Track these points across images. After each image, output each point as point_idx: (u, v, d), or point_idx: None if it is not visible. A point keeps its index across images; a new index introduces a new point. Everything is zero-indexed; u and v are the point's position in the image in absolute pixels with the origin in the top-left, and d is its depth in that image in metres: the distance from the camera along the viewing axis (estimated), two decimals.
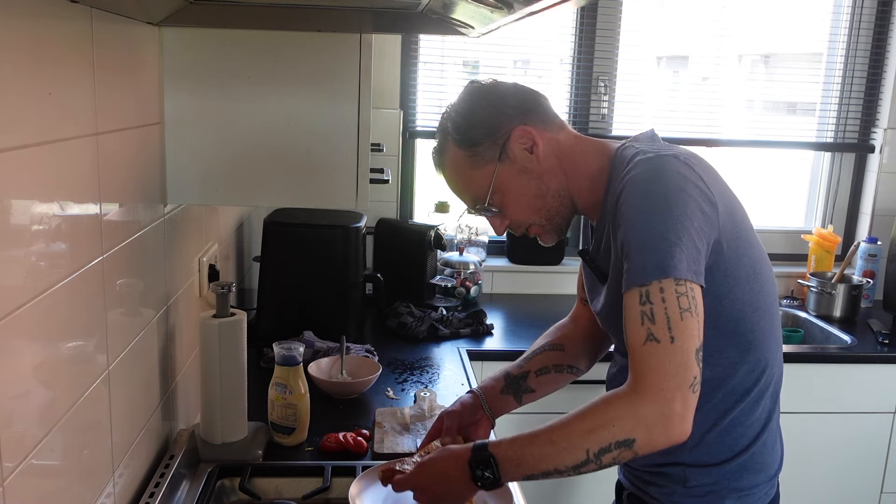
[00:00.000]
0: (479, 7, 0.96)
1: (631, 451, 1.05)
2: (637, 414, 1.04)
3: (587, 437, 1.06)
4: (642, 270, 1.07)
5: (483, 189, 1.25)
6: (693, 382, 1.05)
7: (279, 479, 1.42)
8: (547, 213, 1.26)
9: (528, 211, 1.26)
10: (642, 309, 1.06)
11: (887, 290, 2.65)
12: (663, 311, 1.05)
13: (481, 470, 1.12)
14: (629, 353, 1.08)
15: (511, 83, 1.28)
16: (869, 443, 2.41)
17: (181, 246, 1.53)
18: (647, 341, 1.05)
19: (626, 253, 1.09)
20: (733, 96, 2.95)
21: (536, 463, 1.09)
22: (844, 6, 2.88)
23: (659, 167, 1.12)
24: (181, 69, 1.37)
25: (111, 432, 1.14)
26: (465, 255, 2.71)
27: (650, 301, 1.05)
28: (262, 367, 1.95)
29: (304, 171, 1.44)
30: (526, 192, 1.25)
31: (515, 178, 1.24)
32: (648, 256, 1.06)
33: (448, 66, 2.81)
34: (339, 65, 1.40)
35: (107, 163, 1.09)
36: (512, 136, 1.22)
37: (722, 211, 1.13)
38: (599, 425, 1.06)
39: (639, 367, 1.06)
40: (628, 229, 1.10)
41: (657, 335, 1.04)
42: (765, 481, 1.26)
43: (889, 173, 2.94)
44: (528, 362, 1.50)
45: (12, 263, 0.83)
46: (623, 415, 1.05)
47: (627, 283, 1.08)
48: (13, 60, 0.81)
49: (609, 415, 1.06)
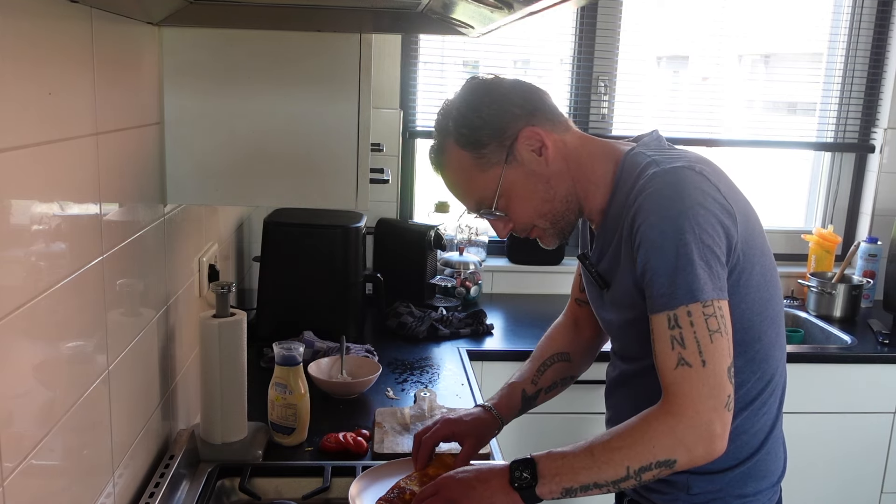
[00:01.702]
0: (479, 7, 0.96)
1: (670, 470, 1.07)
2: (676, 436, 1.05)
3: (627, 454, 1.07)
4: (670, 295, 1.06)
5: (489, 192, 1.20)
6: (728, 401, 1.06)
7: (279, 479, 1.42)
8: (553, 217, 1.23)
9: (534, 215, 1.23)
10: (672, 333, 1.06)
11: (887, 290, 2.65)
12: (692, 335, 1.05)
13: (520, 471, 1.11)
14: (661, 376, 1.09)
15: (513, 79, 1.23)
16: (869, 443, 2.41)
17: (181, 246, 1.53)
18: (679, 366, 1.06)
19: (651, 277, 1.08)
20: (733, 96, 2.95)
21: (576, 475, 1.08)
22: (844, 6, 2.88)
23: (676, 183, 1.09)
24: (181, 69, 1.37)
25: (111, 432, 1.14)
26: (465, 255, 2.72)
27: (679, 325, 1.06)
28: (262, 367, 1.95)
29: (304, 171, 1.44)
30: (533, 195, 1.21)
31: (522, 182, 1.20)
32: (674, 280, 1.06)
33: (448, 66, 2.81)
34: (339, 65, 1.40)
35: (107, 163, 1.09)
36: (520, 138, 1.17)
37: (739, 220, 1.12)
38: (639, 444, 1.07)
39: (673, 390, 1.07)
40: (651, 252, 1.08)
41: (688, 360, 1.05)
42: (768, 487, 1.26)
43: (889, 173, 2.94)
44: (541, 378, 1.47)
45: (12, 263, 0.83)
46: (663, 437, 1.06)
47: (654, 306, 1.08)
48: (13, 60, 0.81)
49: (648, 435, 1.07)
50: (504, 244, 2.90)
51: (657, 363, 1.09)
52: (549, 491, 1.10)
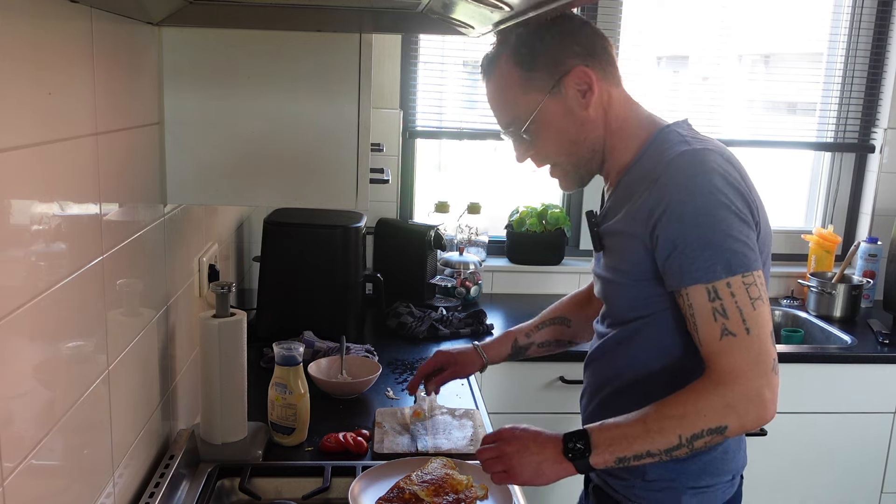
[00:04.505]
0: (479, 7, 0.96)
1: (722, 436, 1.11)
2: (728, 404, 1.09)
3: (680, 423, 1.10)
4: (707, 268, 1.10)
5: (524, 115, 1.23)
6: (773, 364, 1.10)
7: (279, 479, 1.42)
8: (576, 161, 1.26)
9: (558, 151, 1.25)
10: (713, 306, 1.10)
11: (887, 290, 2.65)
12: (734, 305, 1.09)
13: (573, 441, 1.15)
14: (704, 347, 1.12)
15: (586, 20, 1.27)
16: (869, 443, 2.41)
17: (181, 246, 1.53)
18: (724, 336, 1.09)
19: (683, 251, 1.11)
20: (733, 96, 2.95)
21: (630, 444, 1.12)
22: (844, 6, 2.88)
23: (705, 162, 1.13)
24: (181, 69, 1.37)
25: (111, 432, 1.14)
26: (465, 255, 2.71)
27: (719, 297, 1.09)
28: (262, 367, 1.95)
29: (304, 171, 1.44)
30: (564, 133, 1.23)
31: (558, 116, 1.22)
32: (713, 253, 1.09)
33: (448, 66, 2.81)
34: (339, 65, 1.40)
35: (107, 163, 1.09)
36: (571, 74, 1.20)
37: (760, 209, 1.17)
38: (691, 414, 1.10)
39: (720, 361, 1.10)
40: (683, 227, 1.11)
41: (732, 329, 1.09)
42: (725, 482, 1.28)
43: (889, 173, 2.94)
44: (536, 333, 1.59)
45: (12, 263, 0.83)
46: (715, 406, 1.09)
47: (688, 279, 1.11)
48: (13, 60, 0.81)
49: (699, 405, 1.10)
50: (504, 244, 2.90)
51: (700, 337, 1.12)
52: (602, 461, 1.13)
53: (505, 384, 2.25)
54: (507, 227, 2.89)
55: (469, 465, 1.38)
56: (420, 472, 1.32)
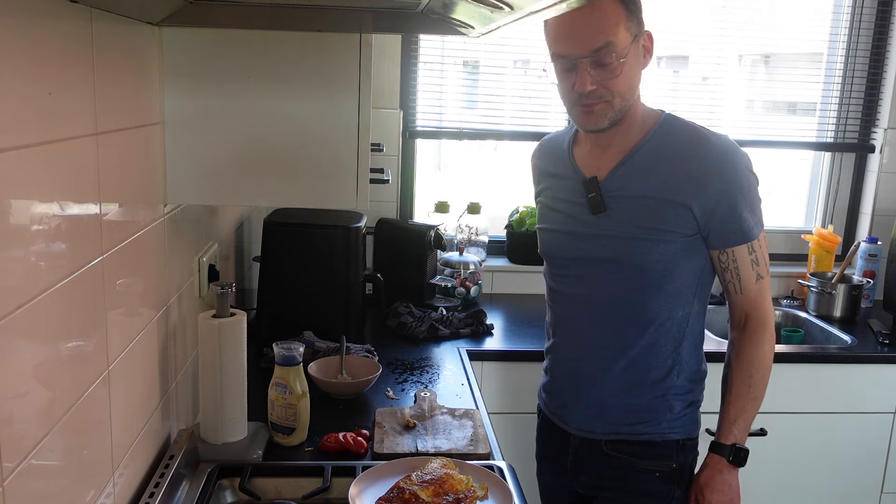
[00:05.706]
0: (479, 7, 0.96)
1: None
2: (771, 339, 1.48)
3: (766, 376, 1.47)
4: (750, 230, 1.42)
5: (620, 44, 1.36)
6: None
7: (279, 479, 1.42)
8: (624, 105, 1.43)
9: (623, 89, 1.41)
10: (751, 258, 1.43)
11: (887, 290, 2.65)
12: (762, 255, 1.45)
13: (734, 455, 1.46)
14: (744, 293, 1.45)
15: None
16: (869, 443, 2.41)
17: (181, 246, 1.53)
18: (758, 280, 1.45)
19: (736, 214, 1.40)
20: (733, 96, 2.95)
21: (752, 420, 1.48)
22: (844, 6, 2.88)
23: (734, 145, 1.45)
24: (181, 69, 1.37)
25: (111, 432, 1.14)
26: (465, 255, 2.71)
27: (754, 250, 1.43)
28: (262, 367, 1.95)
29: (304, 171, 1.44)
30: (631, 76, 1.42)
31: (633, 62, 1.41)
32: (753, 217, 1.42)
33: (448, 66, 2.81)
34: (339, 65, 1.40)
35: (107, 163, 1.09)
36: (646, 33, 1.43)
37: None
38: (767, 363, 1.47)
39: (755, 301, 1.46)
40: (737, 195, 1.40)
41: (762, 273, 1.46)
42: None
43: (889, 173, 2.94)
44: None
45: (12, 263, 0.83)
46: (768, 346, 1.47)
47: (737, 239, 1.42)
48: (13, 60, 0.81)
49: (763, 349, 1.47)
50: (504, 244, 2.90)
51: (741, 284, 1.45)
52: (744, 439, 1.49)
53: (505, 384, 2.25)
54: (507, 227, 2.89)
55: (469, 465, 1.38)
56: (420, 472, 1.32)
